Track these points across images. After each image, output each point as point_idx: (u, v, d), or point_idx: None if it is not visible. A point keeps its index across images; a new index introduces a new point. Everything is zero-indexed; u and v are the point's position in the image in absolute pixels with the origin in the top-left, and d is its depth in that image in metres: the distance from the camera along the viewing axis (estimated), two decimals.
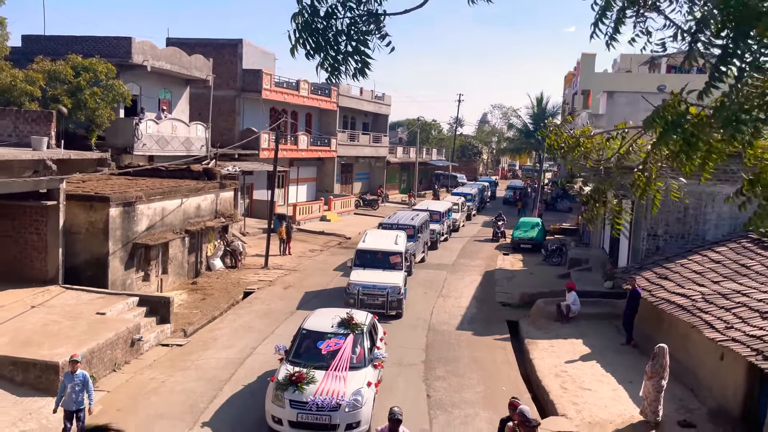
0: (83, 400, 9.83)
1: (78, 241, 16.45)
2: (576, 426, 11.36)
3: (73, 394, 9.74)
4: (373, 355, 11.66)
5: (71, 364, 9.92)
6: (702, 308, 13.31)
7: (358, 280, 18.05)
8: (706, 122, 3.29)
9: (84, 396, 9.82)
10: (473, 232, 36.82)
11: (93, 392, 10.04)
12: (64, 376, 9.97)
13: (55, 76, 21.52)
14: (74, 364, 9.88)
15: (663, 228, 19.11)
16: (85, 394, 9.84)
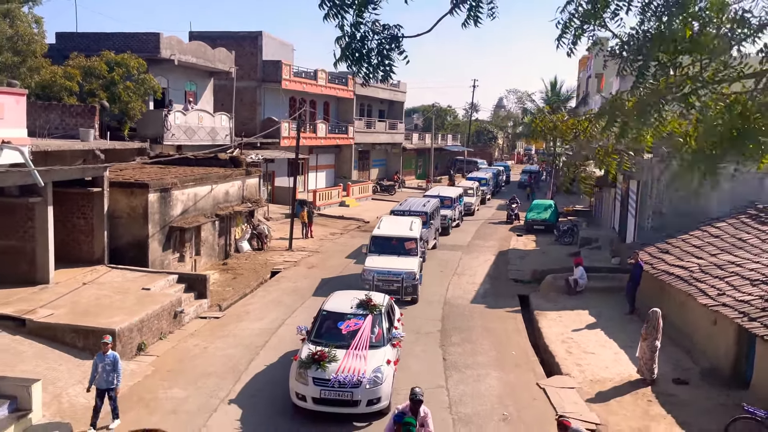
0: (114, 380, 10.17)
1: (120, 224, 17.88)
2: (579, 383, 12.55)
3: (104, 373, 10.06)
4: (392, 334, 12.07)
5: (103, 345, 10.27)
6: (698, 278, 14.39)
7: (374, 266, 18.04)
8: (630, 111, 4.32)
9: (114, 376, 10.16)
10: (488, 216, 37.86)
11: (121, 373, 10.34)
12: (96, 357, 10.28)
13: (90, 71, 22.89)
14: (105, 345, 10.23)
15: (667, 206, 20.08)
16: (114, 375, 10.17)
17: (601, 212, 32.87)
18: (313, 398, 10.59)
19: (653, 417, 11.05)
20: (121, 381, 10.42)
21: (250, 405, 11.12)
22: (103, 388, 10.10)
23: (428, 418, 8.57)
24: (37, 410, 9.78)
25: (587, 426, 10.69)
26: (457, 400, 11.57)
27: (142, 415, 10.61)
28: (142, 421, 10.35)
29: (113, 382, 10.15)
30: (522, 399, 11.80)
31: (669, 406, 11.41)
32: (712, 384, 12.36)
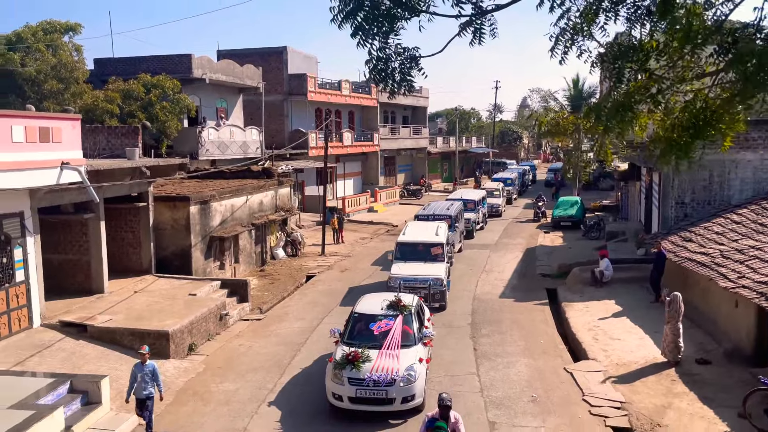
0: (152, 390, 10.27)
1: (165, 236, 19.04)
2: (604, 367, 13.16)
3: (143, 383, 10.19)
4: (422, 333, 12.29)
5: (141, 355, 10.39)
6: (719, 263, 14.82)
7: (400, 273, 17.87)
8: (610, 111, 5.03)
9: (154, 386, 10.29)
10: (514, 215, 38.36)
11: (162, 382, 10.50)
12: (135, 367, 10.39)
13: (129, 94, 24.30)
14: (143, 355, 10.34)
15: (690, 196, 20.45)
16: (154, 385, 10.30)
17: (628, 206, 33.13)
18: (349, 398, 10.85)
19: (676, 394, 11.61)
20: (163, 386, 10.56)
21: (295, 395, 12.01)
22: (142, 398, 10.22)
23: (459, 424, 8.42)
24: (106, 404, 10.81)
25: (612, 404, 11.34)
26: (488, 385, 12.29)
27: (198, 406, 11.58)
28: (198, 412, 11.32)
29: (152, 392, 10.26)
30: (550, 382, 12.46)
31: (691, 384, 11.96)
32: (735, 363, 12.83)
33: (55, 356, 12.70)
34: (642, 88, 4.89)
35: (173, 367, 13.31)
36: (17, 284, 13.38)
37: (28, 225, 13.43)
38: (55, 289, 15.38)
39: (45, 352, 12.80)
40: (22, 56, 22.95)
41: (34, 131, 12.01)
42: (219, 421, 10.94)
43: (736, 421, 10.41)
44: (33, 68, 22.43)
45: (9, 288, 13.13)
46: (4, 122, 11.39)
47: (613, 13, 5.22)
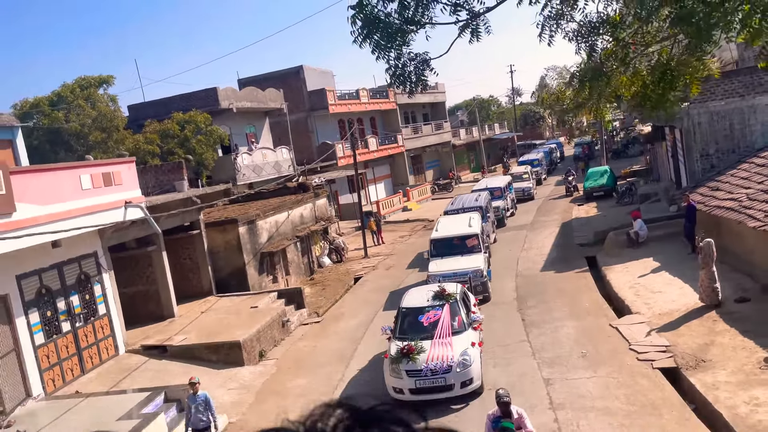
0: (208, 419, 10.36)
1: (219, 258, 20.42)
2: (648, 318, 13.87)
3: (198, 413, 10.31)
4: (471, 318, 12.57)
5: (191, 386, 10.45)
6: (746, 206, 15.38)
7: (438, 270, 17.64)
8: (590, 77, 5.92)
9: (208, 415, 10.37)
10: (546, 193, 38.85)
11: (215, 411, 10.60)
12: (188, 399, 10.48)
13: (166, 133, 25.90)
14: (194, 386, 10.42)
15: (713, 147, 20.92)
16: (209, 414, 10.38)
17: (658, 168, 33.36)
18: (409, 389, 11.18)
19: (718, 332, 12.27)
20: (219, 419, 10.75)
21: (363, 381, 13.09)
22: (198, 429, 10.33)
23: (524, 419, 8.06)
24: None
25: (658, 349, 12.08)
26: (539, 348, 13.16)
27: (278, 400, 12.78)
28: (279, 406, 12.50)
29: (208, 422, 10.34)
30: (597, 338, 13.26)
31: (732, 322, 12.59)
32: None
33: (144, 376, 14.07)
34: (612, 54, 5.78)
35: (248, 372, 14.56)
36: (101, 317, 14.84)
37: (102, 262, 14.88)
38: (131, 318, 16.80)
39: (134, 374, 14.19)
40: (65, 113, 24.76)
41: (98, 177, 13.44)
42: (300, 410, 12.04)
43: None
44: (77, 123, 24.19)
45: (94, 321, 14.60)
46: (74, 173, 12.84)
47: None
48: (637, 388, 10.72)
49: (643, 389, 10.68)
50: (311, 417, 1.04)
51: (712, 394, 10.04)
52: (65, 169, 12.94)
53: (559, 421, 10.02)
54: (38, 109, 24.60)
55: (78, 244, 13.96)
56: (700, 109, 20.58)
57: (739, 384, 10.14)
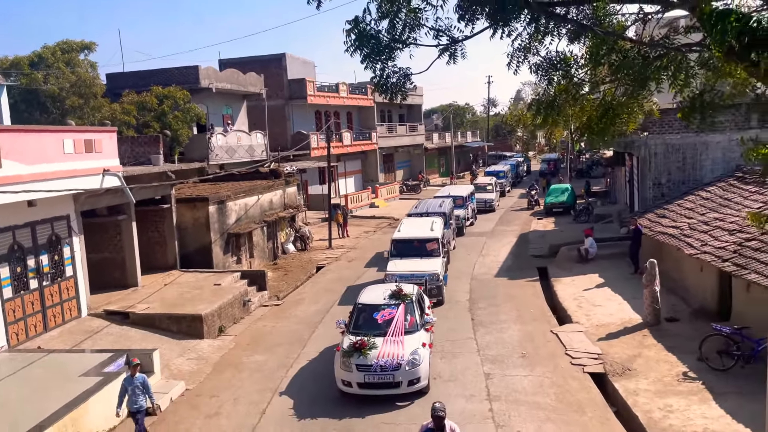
0: (144, 403, 10.31)
1: (187, 234, 20.86)
2: (586, 328, 14.99)
3: (134, 396, 10.23)
4: (424, 320, 12.93)
5: (132, 368, 10.37)
6: (687, 234, 16.66)
7: (396, 270, 17.91)
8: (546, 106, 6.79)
9: (144, 398, 10.32)
10: (509, 204, 40.14)
11: (153, 394, 10.56)
12: (124, 381, 10.35)
13: (143, 105, 26.06)
14: (134, 368, 10.35)
15: (666, 177, 22.31)
16: (146, 397, 10.34)
17: (616, 191, 34.97)
18: (358, 383, 11.47)
19: (646, 346, 13.44)
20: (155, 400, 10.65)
21: (316, 363, 13.81)
22: (133, 411, 10.28)
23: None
24: (157, 372, 12.64)
25: (590, 356, 13.17)
26: (484, 346, 14.13)
27: (235, 373, 13.42)
28: (236, 377, 13.15)
29: (144, 404, 10.31)
30: (538, 342, 14.30)
31: (660, 338, 13.79)
32: (700, 319, 14.64)
33: (105, 339, 14.53)
34: (564, 89, 6.67)
35: (207, 345, 15.15)
36: (67, 279, 15.21)
37: (73, 226, 15.26)
38: (95, 284, 17.14)
39: (96, 336, 14.63)
40: (44, 75, 24.74)
41: (81, 143, 13.83)
42: (255, 383, 12.79)
43: (695, 363, 12.24)
44: (55, 86, 24.22)
45: (61, 282, 14.98)
46: (58, 136, 13.23)
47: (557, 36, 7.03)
48: (567, 388, 11.76)
49: (572, 389, 11.72)
50: None
51: (632, 398, 11.14)
52: (50, 132, 13.32)
53: (493, 410, 10.95)
54: (18, 69, 24.51)
55: (53, 205, 14.32)
56: (657, 140, 21.95)
57: (657, 392, 11.27)
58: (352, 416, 11.06)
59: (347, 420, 10.95)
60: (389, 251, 19.44)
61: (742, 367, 11.76)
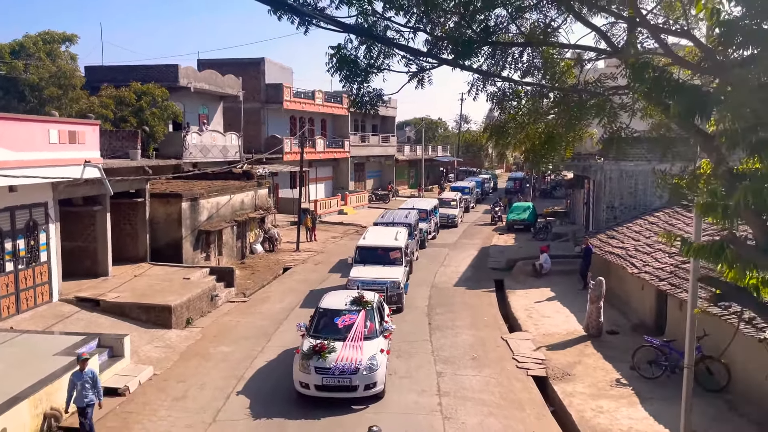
0: (93, 398, 10.13)
1: (159, 228, 21.39)
2: (533, 336, 16.11)
3: (83, 391, 10.05)
4: (383, 327, 13.29)
5: (81, 362, 10.15)
6: (632, 255, 17.99)
7: (358, 276, 18.30)
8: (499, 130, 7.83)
9: (94, 393, 10.15)
10: (474, 219, 41.44)
11: (101, 389, 10.39)
12: (73, 375, 10.16)
13: (121, 100, 26.49)
14: (84, 362, 10.16)
15: (618, 201, 23.75)
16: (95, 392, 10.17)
17: (575, 212, 36.56)
18: (315, 386, 11.70)
19: (586, 355, 14.61)
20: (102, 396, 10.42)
21: (283, 355, 14.55)
22: (82, 406, 10.08)
23: None
24: (127, 357, 13.25)
25: (535, 361, 14.26)
26: (438, 348, 15.11)
27: (201, 362, 14.09)
28: (202, 366, 13.82)
29: (93, 399, 10.13)
30: (488, 346, 15.35)
31: (600, 349, 14.98)
32: (638, 333, 15.89)
33: (76, 324, 15.02)
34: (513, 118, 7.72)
35: (175, 335, 15.77)
36: (41, 264, 15.68)
37: (51, 213, 15.75)
38: (67, 271, 17.57)
39: (66, 321, 15.13)
40: (25, 64, 24.99)
41: (65, 134, 14.41)
42: (221, 372, 13.49)
43: (627, 371, 13.43)
44: (35, 75, 24.49)
45: (35, 266, 15.44)
46: (44, 126, 13.79)
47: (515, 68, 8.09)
48: (511, 388, 12.80)
49: (515, 390, 12.77)
50: None
51: (568, 399, 12.23)
52: (37, 122, 13.87)
53: (442, 404, 11.91)
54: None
55: (32, 192, 14.82)
56: (613, 167, 23.40)
57: (591, 395, 12.39)
58: (307, 417, 11.30)
59: (302, 421, 11.17)
60: (353, 257, 19.97)
61: (668, 376, 12.98)
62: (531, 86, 7.21)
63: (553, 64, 7.82)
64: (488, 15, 7.00)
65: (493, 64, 7.84)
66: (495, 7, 6.95)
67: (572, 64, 8.03)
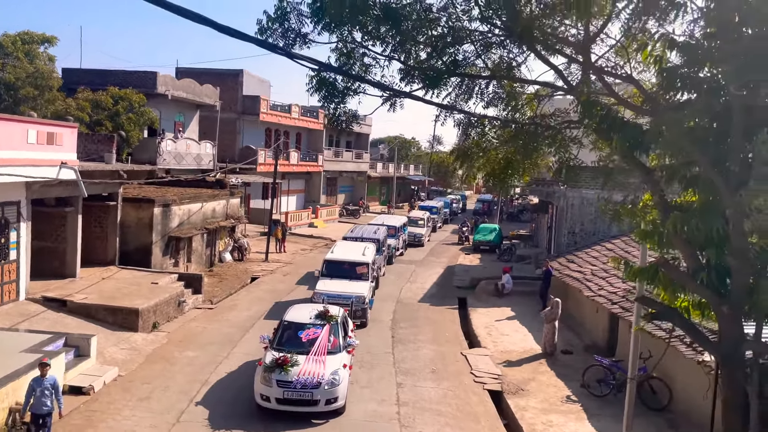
0: (52, 406, 9.75)
1: (129, 232, 21.50)
2: (492, 352, 16.74)
3: (42, 398, 9.67)
4: (347, 342, 13.40)
5: (41, 367, 9.78)
6: (588, 279, 18.83)
7: (324, 289, 18.42)
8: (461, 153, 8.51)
9: (53, 401, 9.78)
10: (442, 238, 42.22)
11: (62, 397, 10.10)
12: (33, 381, 9.76)
13: (98, 104, 26.58)
14: (44, 367, 9.78)
15: (579, 227, 24.74)
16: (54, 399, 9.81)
17: (539, 235, 37.61)
18: (276, 399, 11.64)
19: (540, 372, 15.28)
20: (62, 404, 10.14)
21: (247, 362, 14.84)
22: (41, 414, 9.71)
23: None
24: (93, 357, 13.41)
25: (491, 376, 14.85)
26: (400, 360, 15.61)
27: (167, 366, 14.31)
28: (167, 369, 14.05)
29: (52, 407, 9.78)
30: (448, 361, 15.91)
31: (553, 367, 15.67)
32: (591, 353, 16.63)
33: (42, 323, 15.09)
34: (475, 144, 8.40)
35: (141, 338, 15.94)
36: (10, 262, 15.74)
37: (23, 212, 15.86)
38: (34, 271, 17.60)
39: (33, 320, 15.19)
40: (2, 63, 24.96)
41: (44, 135, 14.61)
42: (186, 375, 13.74)
43: (578, 389, 14.12)
44: (12, 75, 24.47)
45: (4, 264, 15.50)
46: (24, 126, 13.99)
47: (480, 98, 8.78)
48: (467, 401, 13.36)
49: (471, 402, 13.32)
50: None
51: (520, 413, 12.83)
52: (17, 122, 14.07)
53: (400, 413, 12.39)
54: None
55: (6, 190, 14.94)
56: (575, 193, 24.39)
57: (542, 410, 13.02)
58: (267, 430, 11.35)
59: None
60: (320, 271, 20.14)
61: (615, 395, 13.69)
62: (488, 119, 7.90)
63: (515, 97, 8.54)
64: (457, 49, 7.66)
65: (460, 93, 8.50)
66: (463, 43, 7.62)
67: (533, 97, 8.77)
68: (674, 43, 6.52)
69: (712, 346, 7.15)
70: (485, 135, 8.29)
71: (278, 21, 7.39)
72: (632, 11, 6.70)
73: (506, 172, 8.16)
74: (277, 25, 7.38)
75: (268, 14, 7.39)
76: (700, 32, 6.57)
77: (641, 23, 6.78)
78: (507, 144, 8.25)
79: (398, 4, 7.51)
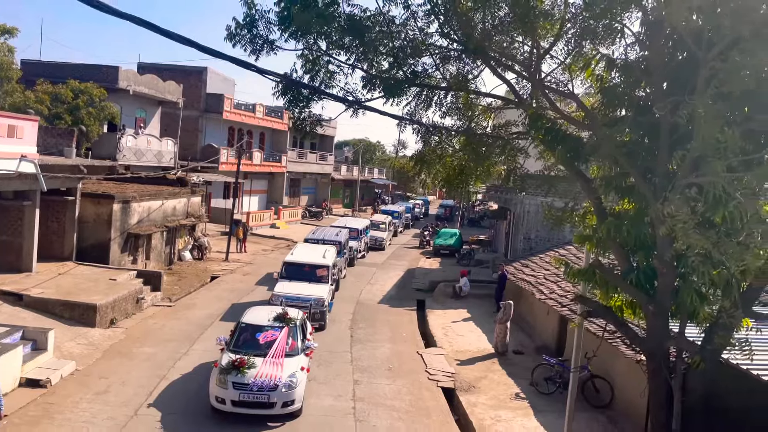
0: None
1: (87, 228, 21.31)
2: (447, 352, 17.28)
3: None
4: (305, 345, 13.36)
5: None
6: (541, 283, 19.58)
7: (283, 291, 18.32)
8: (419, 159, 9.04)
9: None
10: (403, 242, 42.80)
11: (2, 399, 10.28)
12: None
13: (57, 97, 26.22)
14: None
15: (534, 233, 25.59)
16: None
17: (497, 240, 38.53)
18: (232, 401, 11.53)
19: (492, 371, 15.89)
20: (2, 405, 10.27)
21: (206, 358, 15.01)
22: None
23: None
24: (50, 351, 13.40)
25: (445, 374, 15.38)
26: (357, 358, 16.00)
27: (124, 361, 14.37)
28: (124, 364, 14.12)
29: None
30: (404, 359, 16.38)
31: (505, 366, 16.31)
32: (541, 354, 17.35)
33: None
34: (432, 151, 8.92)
35: (99, 334, 15.93)
36: None
37: None
38: None
39: None
40: None
41: (4, 128, 14.52)
42: (144, 371, 13.84)
43: (527, 387, 14.76)
44: None
45: None
46: None
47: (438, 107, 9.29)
48: (420, 397, 13.85)
49: (424, 398, 13.82)
50: None
51: (471, 409, 13.38)
52: None
53: (356, 408, 12.79)
54: None
55: None
56: (531, 200, 25.23)
57: (491, 406, 13.59)
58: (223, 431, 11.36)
59: None
60: (279, 273, 20.08)
61: (561, 392, 14.34)
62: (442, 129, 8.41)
63: (471, 108, 9.07)
64: (417, 61, 8.15)
65: (420, 103, 8.99)
66: (423, 55, 8.10)
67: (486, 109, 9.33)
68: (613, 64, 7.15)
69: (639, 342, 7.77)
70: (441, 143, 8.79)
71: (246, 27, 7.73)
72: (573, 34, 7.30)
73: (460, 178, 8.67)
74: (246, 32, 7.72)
75: (237, 21, 7.72)
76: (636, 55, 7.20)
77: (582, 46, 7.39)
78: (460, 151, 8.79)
79: (362, 16, 7.95)
